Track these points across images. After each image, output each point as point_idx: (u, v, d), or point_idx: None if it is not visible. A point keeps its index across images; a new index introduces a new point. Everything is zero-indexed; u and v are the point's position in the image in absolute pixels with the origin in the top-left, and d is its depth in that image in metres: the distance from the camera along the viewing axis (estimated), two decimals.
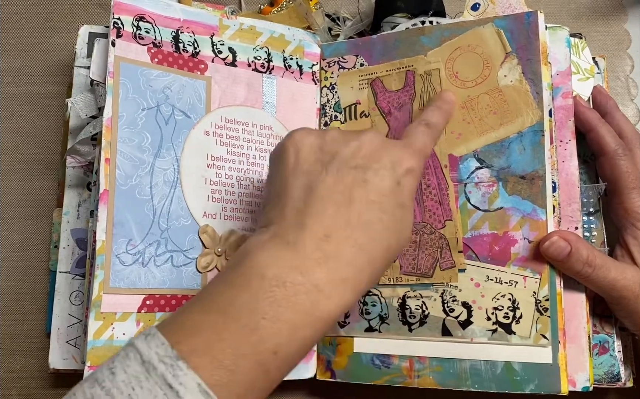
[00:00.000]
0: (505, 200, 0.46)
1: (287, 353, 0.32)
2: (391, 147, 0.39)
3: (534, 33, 0.47)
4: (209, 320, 0.32)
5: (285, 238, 0.34)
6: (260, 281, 0.32)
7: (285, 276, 0.33)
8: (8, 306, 0.53)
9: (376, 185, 0.37)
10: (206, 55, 0.50)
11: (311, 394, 0.53)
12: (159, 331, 0.31)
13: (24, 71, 0.58)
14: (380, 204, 0.36)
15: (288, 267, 0.33)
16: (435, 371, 0.46)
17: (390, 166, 0.38)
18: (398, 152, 0.39)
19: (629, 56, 0.58)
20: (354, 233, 0.35)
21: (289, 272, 0.33)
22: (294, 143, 0.39)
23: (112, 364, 0.30)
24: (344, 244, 0.35)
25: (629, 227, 0.46)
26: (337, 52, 0.54)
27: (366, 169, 0.37)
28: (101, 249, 0.43)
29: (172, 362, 0.29)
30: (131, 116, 0.46)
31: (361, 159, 0.37)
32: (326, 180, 0.37)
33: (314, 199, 0.36)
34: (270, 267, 0.33)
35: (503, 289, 0.45)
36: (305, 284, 0.33)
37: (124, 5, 0.47)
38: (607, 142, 0.47)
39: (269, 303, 0.32)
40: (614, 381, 0.46)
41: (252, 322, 0.31)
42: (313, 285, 0.33)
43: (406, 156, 0.39)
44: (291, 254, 0.34)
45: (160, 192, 0.46)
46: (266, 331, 0.31)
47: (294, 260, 0.33)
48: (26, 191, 0.55)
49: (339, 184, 0.36)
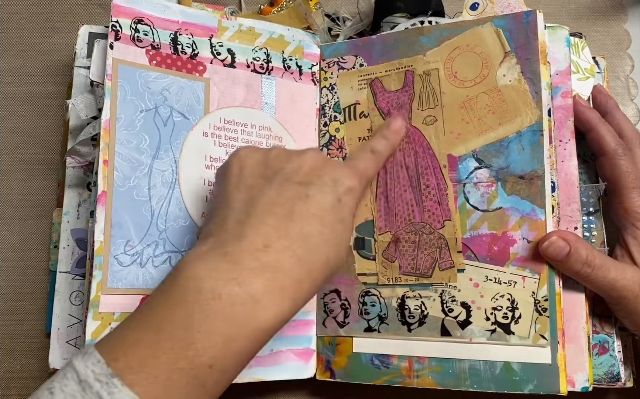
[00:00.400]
0: (504, 200, 0.46)
1: (223, 366, 0.33)
2: (333, 166, 0.40)
3: (532, 32, 0.47)
4: (145, 337, 0.32)
5: (223, 249, 0.34)
6: (197, 295, 0.32)
7: (221, 288, 0.33)
8: (8, 306, 0.53)
9: (317, 200, 0.37)
10: (205, 56, 0.50)
11: (311, 394, 0.53)
12: (96, 349, 0.31)
13: (24, 71, 0.58)
14: (321, 218, 0.37)
15: (224, 279, 0.33)
16: (434, 371, 0.46)
17: (332, 182, 0.39)
18: (340, 171, 0.40)
19: (629, 56, 0.58)
20: (293, 244, 0.35)
21: (226, 284, 0.33)
22: (239, 159, 0.40)
23: (51, 384, 0.30)
24: (282, 255, 0.35)
25: (629, 227, 0.46)
26: (337, 52, 0.54)
27: (308, 184, 0.38)
28: (99, 250, 0.43)
29: (107, 379, 0.30)
30: (129, 118, 0.46)
31: (304, 175, 0.38)
32: (268, 193, 0.37)
33: (255, 210, 0.36)
34: (206, 280, 0.33)
35: (502, 289, 0.45)
36: (242, 295, 0.33)
37: (122, 8, 0.47)
38: (607, 142, 0.47)
39: (204, 316, 0.32)
40: (614, 381, 0.46)
41: (188, 337, 0.32)
42: (250, 296, 0.33)
43: (347, 175, 0.40)
44: (228, 265, 0.34)
45: (158, 193, 0.46)
46: (201, 344, 0.32)
47: (231, 271, 0.33)
48: (26, 191, 0.55)
49: (280, 197, 0.37)
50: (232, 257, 0.34)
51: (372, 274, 0.49)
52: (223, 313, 0.32)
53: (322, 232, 0.37)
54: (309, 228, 0.36)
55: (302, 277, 0.35)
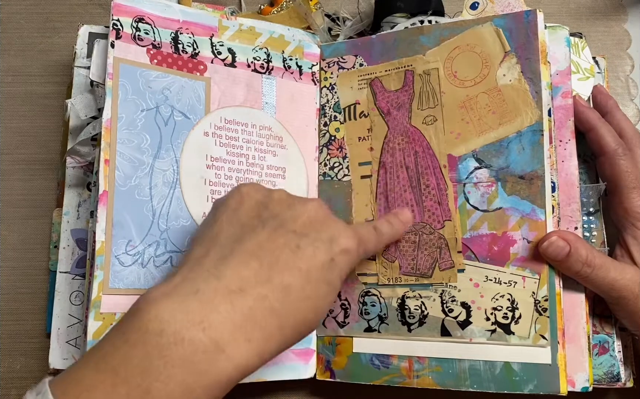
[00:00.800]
0: (504, 200, 0.46)
1: None
2: (334, 223, 0.38)
3: (533, 32, 0.47)
4: (100, 379, 0.30)
5: (195, 285, 0.33)
6: (158, 338, 0.31)
7: (184, 332, 0.31)
8: (8, 306, 0.53)
9: (308, 254, 0.36)
10: (205, 56, 0.50)
11: (311, 394, 0.53)
12: (49, 389, 0.30)
13: (24, 71, 0.58)
14: (308, 273, 0.35)
15: (189, 322, 0.31)
16: (434, 371, 0.46)
17: (328, 239, 0.37)
18: (340, 229, 0.38)
19: (629, 56, 0.58)
20: (271, 294, 0.34)
21: (190, 328, 0.31)
22: (241, 195, 0.39)
23: None
24: (257, 303, 0.33)
25: (629, 227, 0.46)
26: (337, 52, 0.54)
27: (302, 236, 0.36)
28: (100, 250, 0.43)
29: None
30: (130, 117, 0.46)
31: (301, 226, 0.37)
32: (259, 235, 0.36)
33: (240, 250, 0.35)
34: (170, 322, 0.31)
35: (502, 289, 0.45)
36: (206, 341, 0.31)
37: (123, 6, 0.47)
38: (607, 142, 0.47)
39: (164, 363, 0.30)
40: (614, 381, 0.46)
41: (144, 384, 0.30)
42: (214, 343, 0.31)
43: (347, 236, 0.38)
44: (197, 306, 0.32)
45: (159, 193, 0.46)
46: (158, 393, 0.30)
47: (198, 313, 0.32)
48: (26, 191, 0.55)
49: (270, 242, 0.35)
50: (202, 297, 0.32)
51: (372, 274, 0.49)
52: (184, 360, 0.31)
53: (304, 289, 0.35)
54: (292, 281, 0.35)
55: (273, 332, 0.34)
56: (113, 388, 0.30)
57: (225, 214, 0.38)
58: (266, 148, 0.51)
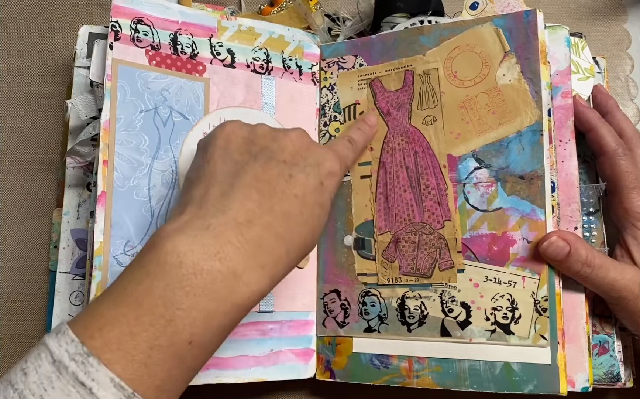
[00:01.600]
0: (504, 200, 0.46)
1: (203, 342, 0.32)
2: (317, 148, 0.41)
3: (532, 32, 0.47)
4: (123, 312, 0.31)
5: (205, 221, 0.34)
6: (177, 269, 0.32)
7: (203, 263, 0.32)
8: (8, 306, 0.53)
9: (301, 181, 0.38)
10: (205, 56, 0.50)
11: (311, 394, 0.53)
12: (69, 328, 0.30)
13: (24, 71, 0.58)
14: (303, 198, 0.38)
15: (207, 254, 0.32)
16: (434, 371, 0.46)
17: (315, 164, 0.39)
18: (323, 153, 0.41)
19: (629, 56, 0.58)
20: (275, 222, 0.36)
21: (207, 259, 0.32)
22: (226, 133, 0.40)
23: (24, 364, 0.30)
24: (264, 232, 0.35)
25: (629, 227, 0.46)
26: (337, 52, 0.54)
27: (292, 165, 0.38)
28: (99, 251, 0.43)
29: (83, 359, 0.29)
30: (129, 118, 0.46)
31: (289, 155, 0.39)
32: (254, 167, 0.37)
33: (240, 184, 0.36)
34: (188, 255, 0.32)
35: (502, 289, 0.45)
36: (223, 270, 0.33)
37: (122, 8, 0.47)
38: (607, 142, 0.47)
39: (185, 293, 0.32)
40: (614, 382, 0.46)
41: (167, 313, 0.31)
42: (231, 272, 0.33)
43: (330, 159, 0.41)
44: (211, 240, 0.33)
45: (158, 193, 0.46)
46: (181, 321, 0.31)
47: (213, 246, 0.33)
48: (26, 191, 0.55)
49: (265, 173, 0.37)
50: (215, 231, 0.33)
51: (372, 274, 0.49)
52: (204, 289, 0.32)
53: (302, 213, 0.37)
54: (290, 208, 0.37)
55: (282, 256, 0.36)
56: (137, 319, 0.31)
57: (216, 152, 0.39)
58: None
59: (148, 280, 0.32)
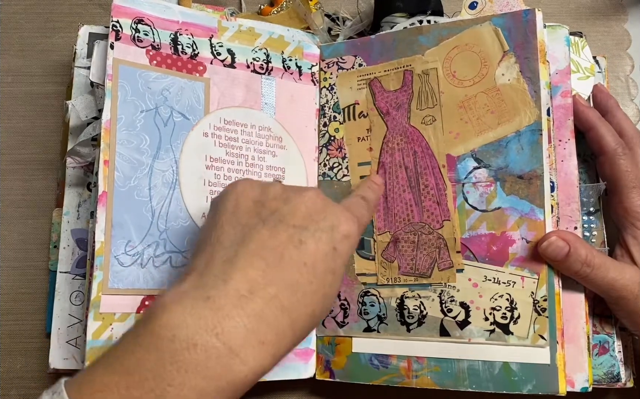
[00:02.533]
0: (503, 200, 0.46)
1: None
2: (331, 210, 0.38)
3: (531, 31, 0.47)
4: (114, 380, 0.30)
5: (205, 292, 0.33)
6: (170, 343, 0.31)
7: (197, 338, 0.31)
8: (8, 306, 0.53)
9: (311, 248, 0.36)
10: (205, 57, 0.50)
11: (310, 394, 0.53)
12: (65, 389, 0.30)
13: (24, 71, 0.58)
14: (313, 267, 0.35)
15: (202, 328, 0.31)
16: (433, 371, 0.46)
17: (329, 228, 0.37)
18: (339, 215, 0.38)
19: (629, 56, 0.58)
20: (280, 293, 0.34)
21: (203, 334, 0.31)
22: (236, 193, 0.38)
23: None
24: (267, 304, 0.33)
25: (629, 227, 0.46)
26: (336, 52, 0.54)
27: (303, 229, 0.36)
28: (100, 250, 0.43)
29: None
30: (130, 118, 0.46)
31: (300, 218, 0.37)
32: (261, 233, 0.36)
33: (245, 252, 0.35)
34: (182, 328, 0.31)
35: (501, 289, 0.45)
36: (219, 347, 0.31)
37: (122, 8, 0.47)
38: (607, 142, 0.47)
39: (177, 368, 0.30)
40: (614, 382, 0.46)
41: (158, 389, 0.30)
42: (227, 348, 0.31)
43: (346, 220, 0.38)
44: (208, 312, 0.32)
45: (159, 193, 0.46)
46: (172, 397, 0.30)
47: (210, 319, 0.31)
48: (26, 191, 0.55)
49: (273, 240, 0.35)
50: (214, 304, 0.32)
51: (372, 274, 0.49)
52: (197, 365, 0.30)
53: (311, 283, 0.35)
54: (298, 277, 0.35)
55: (285, 330, 0.34)
56: (127, 390, 0.30)
57: (225, 216, 0.37)
58: (266, 148, 0.51)
59: (140, 351, 0.31)
